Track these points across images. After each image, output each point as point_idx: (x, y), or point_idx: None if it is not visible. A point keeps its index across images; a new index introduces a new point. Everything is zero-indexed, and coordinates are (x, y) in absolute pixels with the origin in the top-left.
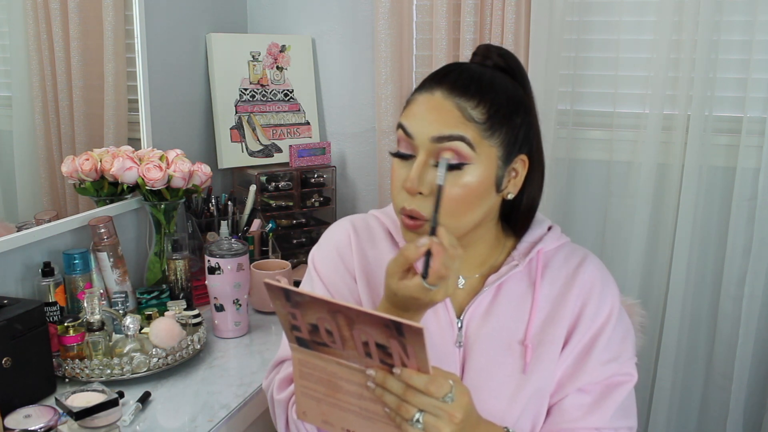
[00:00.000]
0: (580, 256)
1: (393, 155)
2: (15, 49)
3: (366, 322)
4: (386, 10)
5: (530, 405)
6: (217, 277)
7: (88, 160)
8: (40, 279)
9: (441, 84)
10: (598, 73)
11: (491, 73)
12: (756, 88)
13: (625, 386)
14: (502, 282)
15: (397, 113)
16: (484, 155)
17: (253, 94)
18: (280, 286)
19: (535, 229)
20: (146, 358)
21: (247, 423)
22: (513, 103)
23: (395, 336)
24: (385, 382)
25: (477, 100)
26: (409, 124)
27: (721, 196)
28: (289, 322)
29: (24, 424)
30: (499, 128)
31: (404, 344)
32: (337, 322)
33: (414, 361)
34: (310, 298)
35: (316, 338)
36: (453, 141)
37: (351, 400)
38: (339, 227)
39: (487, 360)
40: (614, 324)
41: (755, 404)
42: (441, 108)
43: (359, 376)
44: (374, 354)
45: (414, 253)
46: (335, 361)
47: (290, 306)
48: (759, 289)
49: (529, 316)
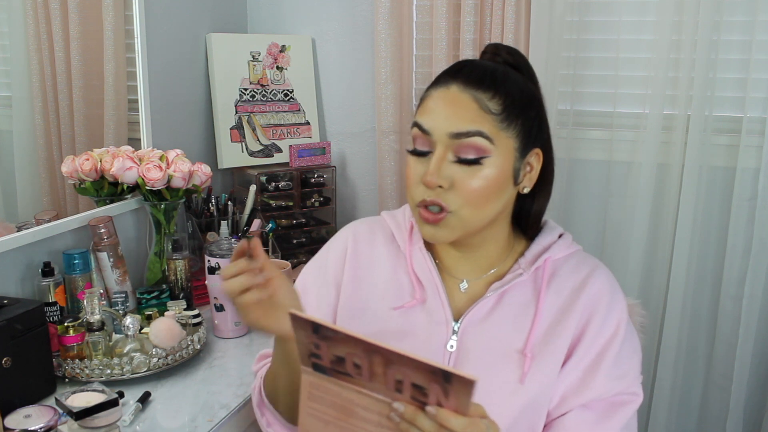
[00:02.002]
0: (589, 267)
1: (410, 153)
2: (15, 49)
3: (409, 366)
4: (386, 10)
5: (525, 415)
6: (217, 277)
7: (88, 160)
8: (40, 279)
9: (456, 78)
10: (598, 73)
11: (503, 68)
12: (756, 88)
13: (629, 406)
14: (506, 289)
15: (397, 113)
16: (502, 147)
17: (253, 94)
18: (309, 319)
19: (545, 236)
20: (146, 358)
21: (247, 423)
22: (526, 96)
23: (440, 382)
24: (415, 419)
25: (493, 92)
26: (425, 121)
27: (721, 196)
28: (310, 350)
29: (24, 424)
30: (515, 119)
31: (447, 390)
32: (370, 359)
33: (453, 403)
34: (345, 335)
35: (338, 368)
36: (471, 137)
37: (367, 426)
38: (339, 239)
39: (482, 367)
40: (622, 339)
41: (755, 404)
42: (458, 101)
43: (380, 406)
44: (406, 391)
45: None
46: (355, 390)
47: (317, 338)
48: (759, 289)
49: (531, 326)
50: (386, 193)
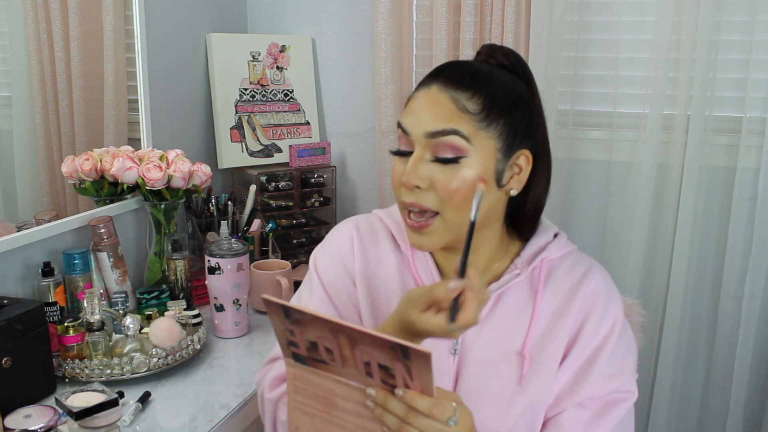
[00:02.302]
0: (585, 267)
1: (393, 153)
2: (15, 49)
3: (370, 343)
4: (386, 10)
5: (524, 417)
6: (217, 277)
7: (88, 160)
8: (40, 279)
9: (437, 78)
10: (598, 73)
11: (490, 69)
12: (756, 88)
13: (624, 404)
14: (503, 291)
15: (397, 113)
16: (481, 147)
17: (253, 94)
18: (280, 303)
19: (540, 236)
20: (146, 358)
21: (247, 423)
22: (511, 96)
23: (400, 359)
24: (386, 402)
25: (471, 92)
26: (406, 122)
27: (721, 196)
28: (287, 338)
29: (24, 424)
30: (497, 119)
31: (409, 367)
32: (338, 341)
33: (418, 383)
34: (312, 316)
35: (314, 355)
36: (446, 135)
37: (348, 417)
38: (342, 229)
39: (483, 369)
40: (617, 338)
41: (755, 404)
42: (436, 101)
43: (357, 394)
44: (376, 374)
45: (444, 295)
46: (333, 378)
47: (289, 323)
48: (759, 289)
49: (529, 327)
50: (386, 193)
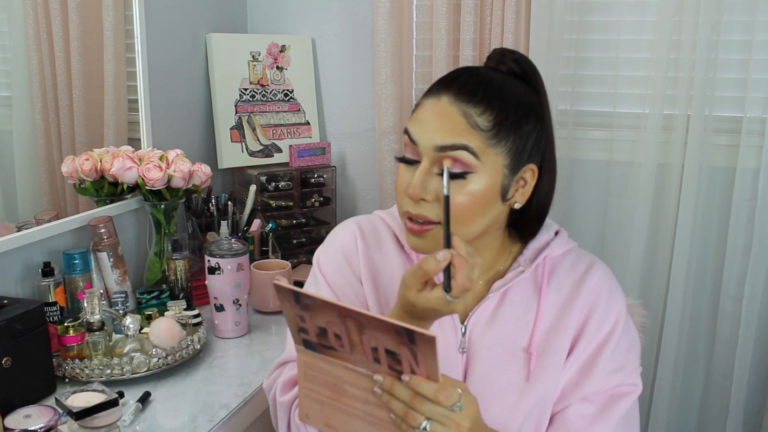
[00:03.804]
0: (587, 263)
1: (398, 160)
2: (15, 49)
3: (377, 328)
4: (386, 10)
5: (533, 413)
6: (217, 277)
7: (88, 160)
8: (40, 279)
9: (449, 89)
10: (598, 73)
11: (502, 79)
12: (756, 88)
13: (629, 397)
14: (508, 288)
15: (397, 113)
16: (489, 163)
17: (253, 94)
18: (291, 288)
19: (542, 234)
20: (146, 358)
21: (247, 423)
22: (523, 109)
23: (406, 343)
24: (392, 388)
25: (484, 107)
26: (414, 131)
27: (721, 196)
28: (297, 324)
29: (24, 424)
30: (506, 136)
31: (415, 352)
32: (346, 326)
33: (424, 368)
34: (321, 301)
35: (323, 341)
36: (456, 150)
37: (356, 404)
38: (345, 229)
39: (491, 366)
40: (620, 333)
41: (755, 404)
42: (446, 114)
43: (366, 380)
44: (383, 360)
45: (434, 267)
46: (342, 365)
47: (299, 308)
48: (759, 289)
49: (534, 324)
50: (386, 193)
